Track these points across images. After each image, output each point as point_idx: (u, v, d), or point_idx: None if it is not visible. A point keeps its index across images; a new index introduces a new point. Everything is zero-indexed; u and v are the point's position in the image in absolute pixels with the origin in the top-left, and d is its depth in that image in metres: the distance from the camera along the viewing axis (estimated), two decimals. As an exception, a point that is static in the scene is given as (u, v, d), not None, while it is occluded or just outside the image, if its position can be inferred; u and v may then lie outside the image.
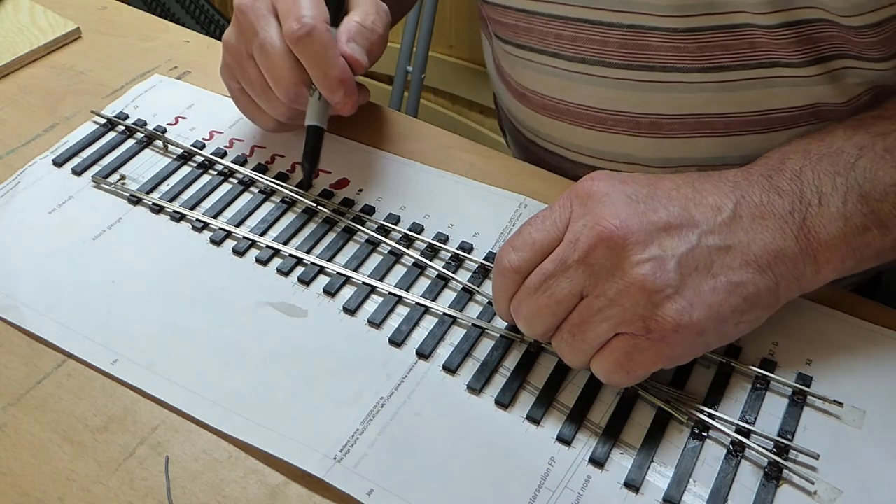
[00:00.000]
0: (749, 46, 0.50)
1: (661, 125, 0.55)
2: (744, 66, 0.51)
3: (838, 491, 0.41)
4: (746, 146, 0.54)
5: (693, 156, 0.56)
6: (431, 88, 1.61)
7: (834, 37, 0.49)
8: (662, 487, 0.42)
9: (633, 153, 0.57)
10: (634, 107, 0.55)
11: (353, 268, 0.52)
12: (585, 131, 0.57)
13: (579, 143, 0.59)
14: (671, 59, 0.52)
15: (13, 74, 0.67)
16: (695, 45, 0.51)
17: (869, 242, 0.44)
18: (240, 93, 0.56)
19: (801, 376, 0.46)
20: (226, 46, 0.54)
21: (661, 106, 0.54)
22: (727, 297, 0.42)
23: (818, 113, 0.52)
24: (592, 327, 0.42)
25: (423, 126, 0.63)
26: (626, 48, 0.52)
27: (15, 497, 0.42)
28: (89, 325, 0.49)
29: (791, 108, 0.52)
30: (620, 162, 0.58)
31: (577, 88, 0.56)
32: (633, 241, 0.41)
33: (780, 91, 0.52)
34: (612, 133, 0.56)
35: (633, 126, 0.55)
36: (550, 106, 0.58)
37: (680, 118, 0.54)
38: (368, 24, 0.53)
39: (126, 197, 0.56)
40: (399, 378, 0.46)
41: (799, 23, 0.49)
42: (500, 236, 0.54)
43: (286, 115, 0.54)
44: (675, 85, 0.53)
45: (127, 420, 0.45)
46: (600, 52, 0.54)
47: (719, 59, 0.51)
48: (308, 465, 0.42)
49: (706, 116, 0.53)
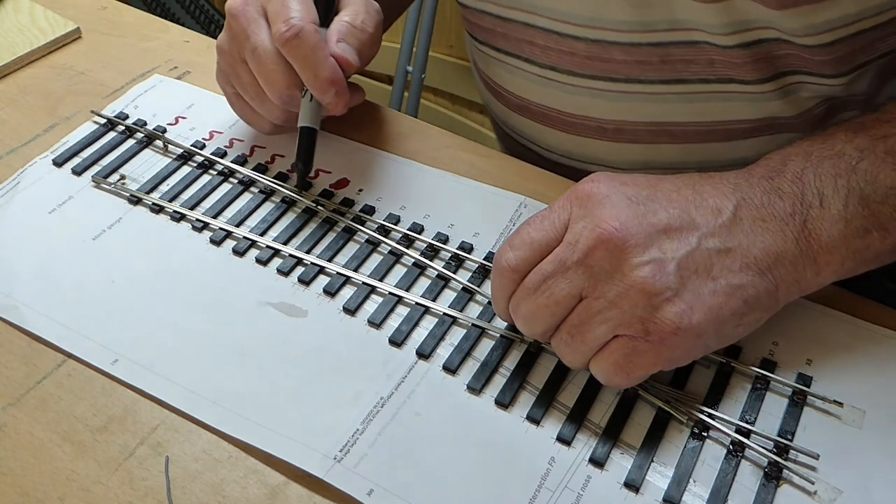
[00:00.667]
0: (707, 63, 0.52)
1: (625, 131, 0.56)
2: (703, 81, 0.52)
3: (838, 491, 0.41)
4: (705, 153, 0.56)
5: (655, 160, 0.57)
6: (431, 88, 1.61)
7: (790, 55, 0.51)
8: (662, 487, 0.42)
9: (599, 155, 0.58)
10: (600, 113, 0.56)
11: (353, 268, 0.52)
12: (555, 132, 0.59)
13: (550, 143, 0.60)
14: (635, 72, 0.54)
15: (13, 74, 0.67)
16: (657, 59, 0.52)
17: (869, 245, 0.44)
18: (235, 97, 0.56)
19: (801, 376, 0.46)
20: (219, 51, 0.55)
21: (625, 114, 0.55)
22: (727, 299, 0.42)
23: (774, 125, 0.54)
24: (591, 329, 0.42)
25: (423, 126, 0.63)
26: (592, 60, 0.54)
27: (15, 497, 0.42)
28: (89, 325, 0.49)
29: (747, 121, 0.54)
30: (588, 162, 0.59)
31: (547, 93, 0.57)
32: (632, 243, 0.41)
33: (736, 105, 0.53)
34: (579, 136, 0.58)
35: (599, 131, 0.57)
36: (522, 106, 0.60)
37: (643, 126, 0.55)
38: (358, 23, 0.53)
39: (126, 197, 0.56)
40: (399, 378, 0.46)
41: (755, 43, 0.51)
42: (500, 236, 0.54)
43: (280, 117, 0.55)
44: (638, 95, 0.54)
45: (127, 420, 0.45)
46: (569, 61, 0.55)
47: (680, 73, 0.53)
48: (308, 465, 0.42)
49: (667, 125, 0.55)
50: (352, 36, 0.53)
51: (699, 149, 0.55)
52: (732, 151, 0.55)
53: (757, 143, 0.55)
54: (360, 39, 0.53)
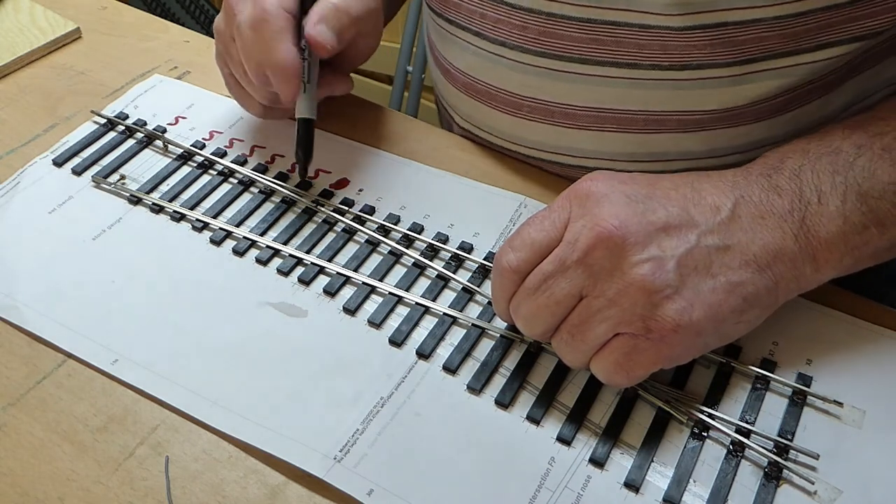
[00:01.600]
0: (661, 48, 0.50)
1: (574, 116, 0.55)
2: (655, 67, 0.51)
3: (838, 491, 0.41)
4: (654, 144, 0.55)
5: (603, 149, 0.56)
6: (431, 88, 1.61)
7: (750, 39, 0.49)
8: (662, 487, 0.42)
9: (545, 141, 0.57)
10: (549, 95, 0.55)
11: (353, 268, 0.52)
12: (501, 115, 0.58)
13: (495, 126, 0.59)
14: (587, 52, 0.52)
15: (13, 74, 0.67)
16: (611, 40, 0.51)
17: (867, 241, 0.44)
18: (229, 77, 0.58)
19: (801, 376, 0.46)
20: (216, 31, 0.57)
21: (575, 97, 0.54)
22: (726, 296, 0.42)
23: (726, 117, 0.53)
24: (592, 328, 0.42)
25: (423, 126, 0.63)
26: (544, 36, 0.53)
27: (15, 497, 0.42)
28: (89, 325, 0.49)
29: (700, 112, 0.52)
30: (533, 148, 0.58)
31: (496, 71, 0.56)
32: (632, 241, 0.41)
33: (689, 93, 0.52)
34: (526, 119, 0.57)
35: (547, 114, 0.56)
36: (470, 85, 0.59)
37: (593, 111, 0.54)
38: (343, 5, 0.54)
39: (126, 197, 0.56)
40: (399, 378, 0.46)
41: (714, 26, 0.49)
42: (500, 236, 0.54)
43: (266, 97, 0.56)
44: (589, 77, 0.53)
45: (127, 420, 0.45)
46: (519, 37, 0.54)
47: (633, 56, 0.51)
48: (308, 465, 0.42)
49: (617, 112, 0.54)
50: (333, 18, 0.54)
51: (649, 139, 0.54)
52: (682, 144, 0.54)
53: (709, 137, 0.54)
54: (341, 22, 0.54)
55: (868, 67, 0.54)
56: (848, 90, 0.54)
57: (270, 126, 0.61)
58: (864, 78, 0.54)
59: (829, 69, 0.51)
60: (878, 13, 0.48)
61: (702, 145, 0.54)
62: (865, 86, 0.55)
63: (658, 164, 0.56)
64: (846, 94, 0.54)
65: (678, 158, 0.55)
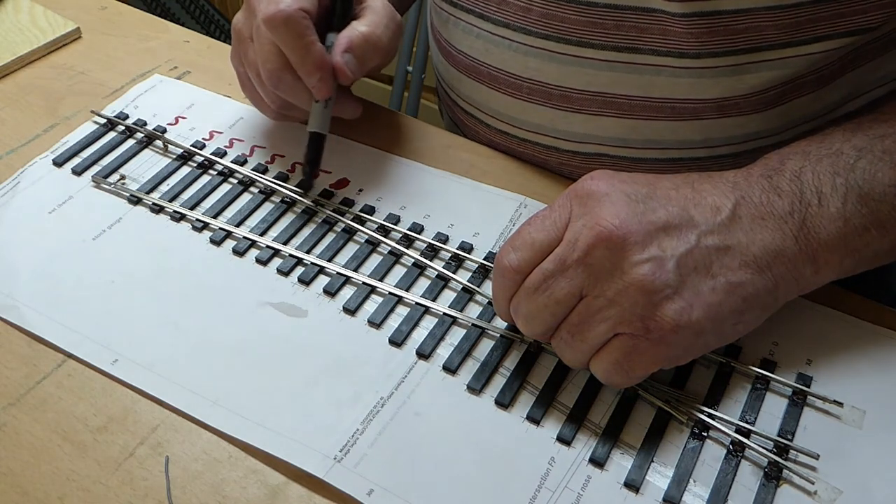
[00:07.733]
0: (661, 33, 0.51)
1: (571, 99, 0.55)
2: (654, 52, 0.51)
3: (838, 491, 0.41)
4: (649, 131, 0.55)
5: (597, 133, 0.56)
6: (431, 88, 1.61)
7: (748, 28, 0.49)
8: (662, 487, 0.42)
9: (543, 123, 0.58)
10: (549, 78, 0.55)
11: (353, 268, 0.52)
12: (502, 96, 0.58)
13: (495, 108, 0.60)
14: (587, 35, 0.53)
15: (13, 74, 0.67)
16: (612, 23, 0.51)
17: (868, 243, 0.44)
18: (244, 77, 0.57)
19: (801, 376, 0.46)
20: (234, 30, 0.56)
21: (573, 80, 0.55)
22: (726, 297, 0.42)
23: (722, 106, 0.53)
24: (592, 327, 0.42)
25: (423, 126, 0.63)
26: (546, 18, 0.53)
27: (15, 497, 0.42)
28: (89, 325, 0.49)
29: (696, 100, 0.53)
30: (531, 131, 0.58)
31: (498, 53, 0.57)
32: (632, 241, 0.41)
33: (686, 81, 0.52)
34: (526, 101, 0.57)
35: (546, 96, 0.56)
36: (472, 67, 0.59)
37: (589, 94, 0.55)
38: (373, 38, 0.54)
39: (126, 197, 0.56)
40: (399, 378, 0.46)
41: (712, 14, 0.49)
42: (500, 236, 0.54)
43: (276, 102, 0.55)
44: (588, 61, 0.54)
45: (127, 420, 0.45)
46: (523, 18, 0.54)
47: (633, 41, 0.52)
48: (308, 465, 0.42)
49: (613, 96, 0.54)
50: (360, 49, 0.54)
51: (644, 126, 0.55)
52: (679, 132, 0.54)
53: (703, 126, 0.54)
54: (367, 53, 0.54)
55: (863, 63, 0.54)
56: (842, 85, 0.54)
57: (270, 126, 0.61)
58: (858, 74, 0.54)
59: (823, 63, 0.52)
60: (869, 10, 0.49)
61: (696, 134, 0.54)
62: (860, 81, 0.55)
63: (652, 152, 0.56)
64: (840, 89, 0.54)
65: (672, 147, 0.55)
